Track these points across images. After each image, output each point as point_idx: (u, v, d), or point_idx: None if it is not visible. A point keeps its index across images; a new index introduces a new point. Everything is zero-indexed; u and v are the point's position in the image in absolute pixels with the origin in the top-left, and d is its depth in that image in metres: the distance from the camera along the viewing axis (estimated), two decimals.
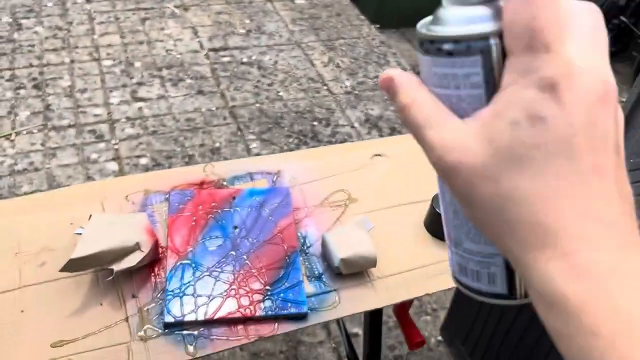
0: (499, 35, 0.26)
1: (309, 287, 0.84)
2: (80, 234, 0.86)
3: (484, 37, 0.26)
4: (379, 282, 0.86)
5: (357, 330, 1.68)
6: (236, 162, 1.03)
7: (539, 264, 0.25)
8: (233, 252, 0.86)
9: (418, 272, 0.88)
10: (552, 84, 0.24)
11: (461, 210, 0.30)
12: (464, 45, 0.27)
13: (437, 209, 0.91)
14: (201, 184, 0.97)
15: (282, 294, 0.81)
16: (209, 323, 0.78)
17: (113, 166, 2.31)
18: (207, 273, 0.83)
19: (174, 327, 0.77)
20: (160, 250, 0.86)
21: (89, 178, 2.25)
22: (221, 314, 0.78)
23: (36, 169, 2.26)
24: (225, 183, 0.98)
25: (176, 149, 2.35)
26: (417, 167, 1.02)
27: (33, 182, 2.21)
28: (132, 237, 0.81)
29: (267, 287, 0.82)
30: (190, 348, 0.76)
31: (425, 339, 0.99)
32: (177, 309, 0.78)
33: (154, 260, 0.84)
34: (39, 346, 0.73)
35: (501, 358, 1.20)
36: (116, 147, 2.31)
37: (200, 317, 0.77)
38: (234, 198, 0.93)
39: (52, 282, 0.80)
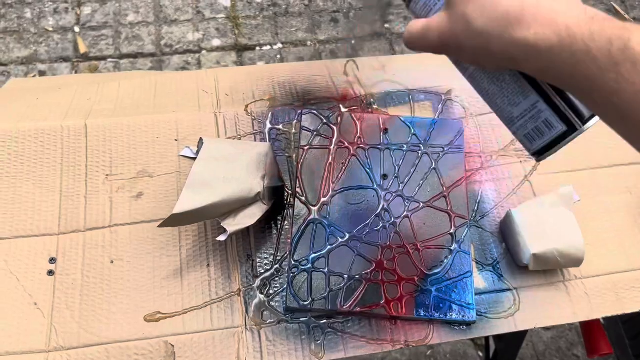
0: None
1: (477, 279, 0.62)
2: (187, 157, 0.67)
3: None
4: (576, 284, 0.62)
5: None
6: (393, 61, 0.76)
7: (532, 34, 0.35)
8: (380, 215, 0.63)
9: (632, 275, 0.63)
10: None
11: (491, 79, 0.42)
12: None
13: None
14: (343, 99, 0.72)
15: (443, 288, 0.60)
16: (343, 314, 0.59)
17: (225, 1, 2.06)
18: (345, 242, 0.62)
19: (298, 313, 0.59)
20: (285, 193, 0.65)
21: (199, 13, 2.02)
22: (360, 305, 0.59)
23: None
24: (374, 103, 0.72)
25: None
26: None
27: (139, 11, 2.01)
28: (253, 184, 0.59)
29: (424, 275, 0.60)
30: (316, 346, 0.58)
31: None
32: (304, 290, 0.59)
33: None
34: (130, 315, 0.58)
35: None
36: None
37: (333, 306, 0.58)
38: (386, 130, 0.68)
39: (148, 224, 0.63)
